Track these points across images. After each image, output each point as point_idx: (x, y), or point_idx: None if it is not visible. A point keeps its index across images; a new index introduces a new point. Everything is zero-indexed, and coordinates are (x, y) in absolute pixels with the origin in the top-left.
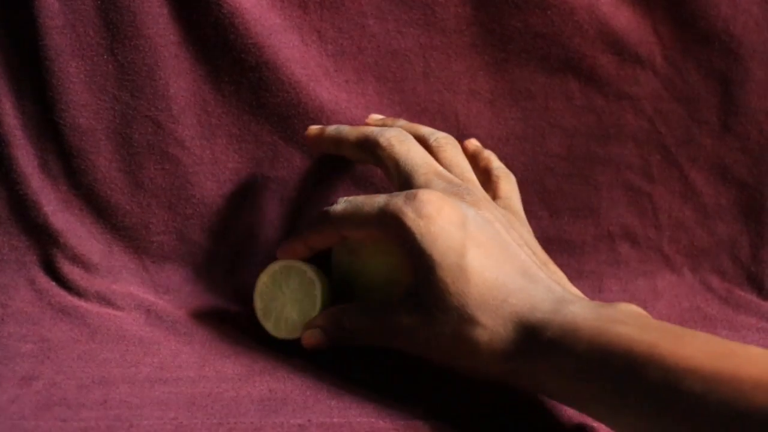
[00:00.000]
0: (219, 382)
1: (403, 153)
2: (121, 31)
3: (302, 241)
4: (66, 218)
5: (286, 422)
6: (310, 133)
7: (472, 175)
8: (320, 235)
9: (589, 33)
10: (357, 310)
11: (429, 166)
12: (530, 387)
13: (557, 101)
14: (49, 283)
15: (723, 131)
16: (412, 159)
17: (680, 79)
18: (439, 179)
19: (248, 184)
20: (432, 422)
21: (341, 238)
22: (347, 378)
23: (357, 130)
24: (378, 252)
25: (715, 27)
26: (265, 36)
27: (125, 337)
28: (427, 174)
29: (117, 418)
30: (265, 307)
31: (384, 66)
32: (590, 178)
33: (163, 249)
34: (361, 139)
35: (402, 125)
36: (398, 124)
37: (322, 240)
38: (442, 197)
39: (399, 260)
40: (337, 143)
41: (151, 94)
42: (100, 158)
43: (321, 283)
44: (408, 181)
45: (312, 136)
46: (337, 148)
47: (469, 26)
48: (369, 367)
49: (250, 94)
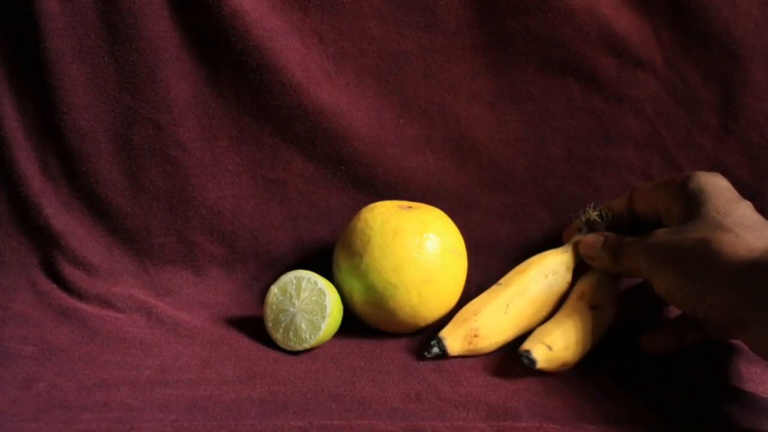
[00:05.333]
0: (220, 384)
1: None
2: (121, 33)
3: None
4: (67, 220)
5: (287, 424)
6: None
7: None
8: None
9: (590, 35)
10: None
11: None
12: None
13: (558, 103)
14: (50, 285)
15: (723, 133)
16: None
17: (680, 81)
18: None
19: (249, 186)
20: (432, 423)
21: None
22: (348, 381)
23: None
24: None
25: (716, 29)
26: (266, 38)
27: (126, 340)
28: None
29: (118, 420)
30: (274, 318)
31: (385, 68)
32: (591, 179)
33: (164, 251)
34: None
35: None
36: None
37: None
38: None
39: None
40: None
41: (151, 97)
42: (100, 160)
43: (331, 294)
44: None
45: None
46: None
47: (469, 28)
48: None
49: (251, 96)
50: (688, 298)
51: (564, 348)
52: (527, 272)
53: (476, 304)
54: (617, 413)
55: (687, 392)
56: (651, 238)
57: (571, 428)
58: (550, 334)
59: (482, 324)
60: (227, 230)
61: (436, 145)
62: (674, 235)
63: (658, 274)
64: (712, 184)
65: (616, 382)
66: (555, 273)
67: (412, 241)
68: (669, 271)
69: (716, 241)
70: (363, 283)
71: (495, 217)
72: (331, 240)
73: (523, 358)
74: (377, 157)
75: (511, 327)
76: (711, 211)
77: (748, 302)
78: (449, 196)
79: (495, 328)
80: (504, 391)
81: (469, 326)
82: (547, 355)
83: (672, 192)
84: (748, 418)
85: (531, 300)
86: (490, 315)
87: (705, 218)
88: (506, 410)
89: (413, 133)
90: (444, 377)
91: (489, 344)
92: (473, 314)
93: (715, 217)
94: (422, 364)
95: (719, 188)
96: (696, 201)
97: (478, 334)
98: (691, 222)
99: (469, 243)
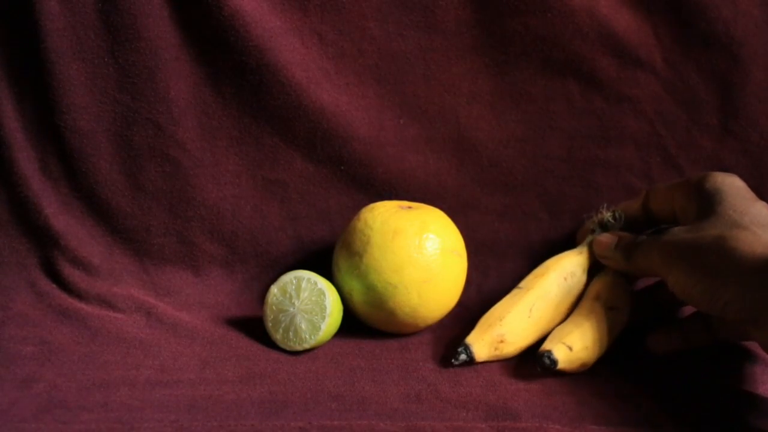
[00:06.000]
0: (219, 384)
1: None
2: (121, 33)
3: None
4: (67, 221)
5: (287, 425)
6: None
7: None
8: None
9: (590, 35)
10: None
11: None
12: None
13: (557, 103)
14: (49, 285)
15: (723, 133)
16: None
17: (680, 81)
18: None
19: (248, 186)
20: (432, 423)
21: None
22: (348, 381)
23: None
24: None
25: (716, 29)
26: (266, 38)
27: (126, 340)
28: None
29: (117, 421)
30: (274, 318)
31: (384, 68)
32: (590, 180)
33: (164, 251)
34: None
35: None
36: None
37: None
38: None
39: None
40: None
41: (151, 97)
42: (100, 161)
43: (331, 294)
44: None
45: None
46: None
47: (469, 29)
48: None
49: (251, 96)
50: (703, 295)
51: (584, 348)
52: (547, 275)
53: (500, 309)
54: (618, 413)
55: (688, 393)
56: (666, 236)
57: (571, 428)
58: (569, 335)
59: (508, 329)
60: (227, 230)
61: (436, 146)
62: (690, 232)
63: (673, 272)
64: (729, 184)
65: (617, 382)
66: (573, 275)
67: (412, 241)
68: (684, 268)
69: (733, 238)
70: (363, 283)
71: (495, 217)
72: (331, 240)
73: (545, 358)
74: (377, 158)
75: (535, 331)
76: (727, 210)
77: (765, 300)
78: (449, 196)
79: (520, 333)
80: (504, 391)
81: (495, 332)
82: (567, 355)
83: (688, 192)
84: (750, 419)
85: (552, 303)
86: (515, 320)
87: (721, 216)
88: (506, 410)
89: (413, 134)
90: (444, 377)
91: (514, 349)
92: (498, 319)
93: (732, 215)
94: (422, 364)
95: (735, 188)
96: (712, 200)
97: (504, 339)
98: (707, 220)
99: (469, 243)
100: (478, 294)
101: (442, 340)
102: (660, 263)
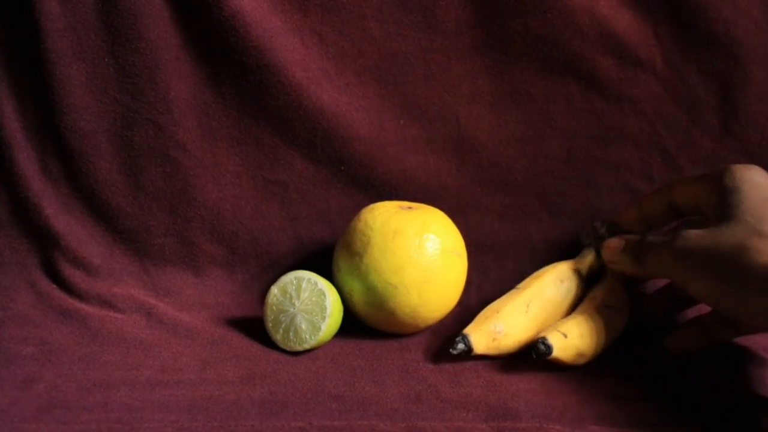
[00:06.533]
0: (220, 384)
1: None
2: (121, 34)
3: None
4: (67, 221)
5: (287, 425)
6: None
7: None
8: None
9: (590, 36)
10: (658, 234)
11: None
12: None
13: (557, 104)
14: (50, 285)
15: (723, 133)
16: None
17: (680, 81)
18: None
19: (249, 187)
20: (432, 423)
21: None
22: (348, 381)
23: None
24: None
25: (716, 29)
26: (266, 39)
27: (126, 340)
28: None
29: (118, 421)
30: (275, 319)
31: (385, 68)
32: (590, 180)
33: (164, 251)
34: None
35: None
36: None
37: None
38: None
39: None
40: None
41: (151, 97)
42: (101, 161)
43: (332, 294)
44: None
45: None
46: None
47: (469, 29)
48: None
49: (251, 96)
50: (729, 305)
51: (579, 336)
52: (543, 277)
53: (497, 304)
54: (618, 414)
55: (689, 393)
56: (679, 241)
57: (571, 428)
58: (565, 324)
59: (505, 321)
60: (227, 231)
61: (436, 146)
62: (707, 238)
63: (693, 281)
64: (748, 180)
65: (618, 382)
66: (570, 279)
67: (412, 241)
68: (705, 277)
69: (753, 249)
70: (363, 283)
71: (495, 217)
72: (331, 240)
73: (539, 344)
74: (377, 158)
75: (532, 327)
76: (746, 215)
77: None
78: (449, 197)
79: (517, 327)
80: (504, 391)
81: (493, 323)
82: (562, 342)
83: (709, 186)
84: (752, 419)
85: (549, 301)
86: (512, 313)
87: (740, 222)
88: (506, 410)
89: (413, 134)
90: (444, 377)
91: (512, 342)
92: (495, 312)
93: (750, 221)
94: (422, 364)
95: (755, 186)
96: (730, 200)
97: (501, 330)
98: (725, 224)
99: (469, 243)
100: (478, 294)
101: (442, 340)
102: (677, 270)
